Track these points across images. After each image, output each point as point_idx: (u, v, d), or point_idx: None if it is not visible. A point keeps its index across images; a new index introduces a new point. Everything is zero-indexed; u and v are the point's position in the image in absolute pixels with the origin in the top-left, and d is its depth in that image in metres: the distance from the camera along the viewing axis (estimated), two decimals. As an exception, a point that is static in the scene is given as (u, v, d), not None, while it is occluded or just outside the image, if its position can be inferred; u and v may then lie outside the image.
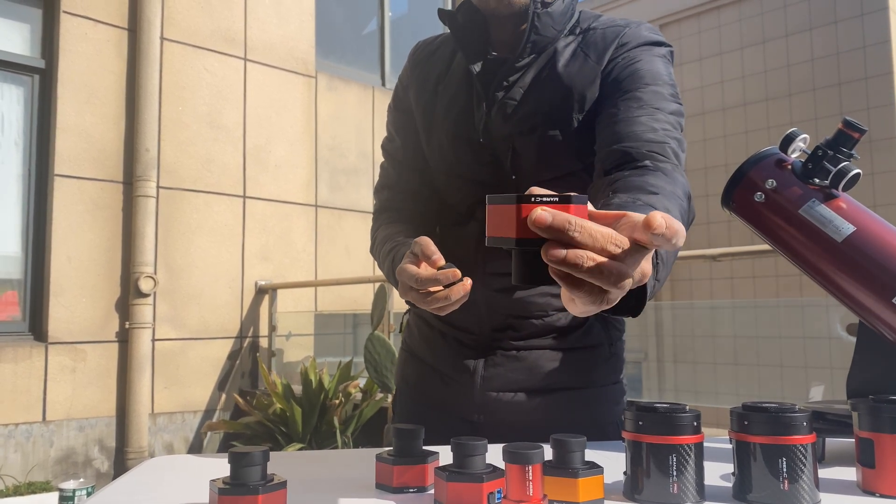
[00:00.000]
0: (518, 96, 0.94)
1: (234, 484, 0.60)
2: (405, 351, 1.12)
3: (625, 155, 0.83)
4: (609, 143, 0.86)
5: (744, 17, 11.24)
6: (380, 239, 1.00)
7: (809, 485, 0.62)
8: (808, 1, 10.40)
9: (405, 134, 1.07)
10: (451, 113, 1.00)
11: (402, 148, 1.07)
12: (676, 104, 0.90)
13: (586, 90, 0.92)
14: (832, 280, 0.78)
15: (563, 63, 0.94)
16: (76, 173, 3.64)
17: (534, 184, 0.93)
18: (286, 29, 4.54)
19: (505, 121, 0.95)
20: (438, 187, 1.04)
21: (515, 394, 0.98)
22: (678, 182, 0.79)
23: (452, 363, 1.01)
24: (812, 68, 10.23)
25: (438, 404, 1.03)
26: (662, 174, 0.79)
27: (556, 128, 0.93)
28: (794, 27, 10.93)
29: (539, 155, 0.94)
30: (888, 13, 9.72)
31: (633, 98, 0.88)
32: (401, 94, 1.08)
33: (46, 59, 3.70)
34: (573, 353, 0.99)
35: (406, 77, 1.09)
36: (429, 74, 1.05)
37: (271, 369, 4.20)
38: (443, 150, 1.01)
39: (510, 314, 0.98)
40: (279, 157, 4.43)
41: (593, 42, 0.94)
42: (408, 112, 1.07)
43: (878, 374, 0.81)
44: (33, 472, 3.37)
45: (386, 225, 1.02)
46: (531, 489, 0.60)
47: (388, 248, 0.93)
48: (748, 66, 11.11)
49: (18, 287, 3.61)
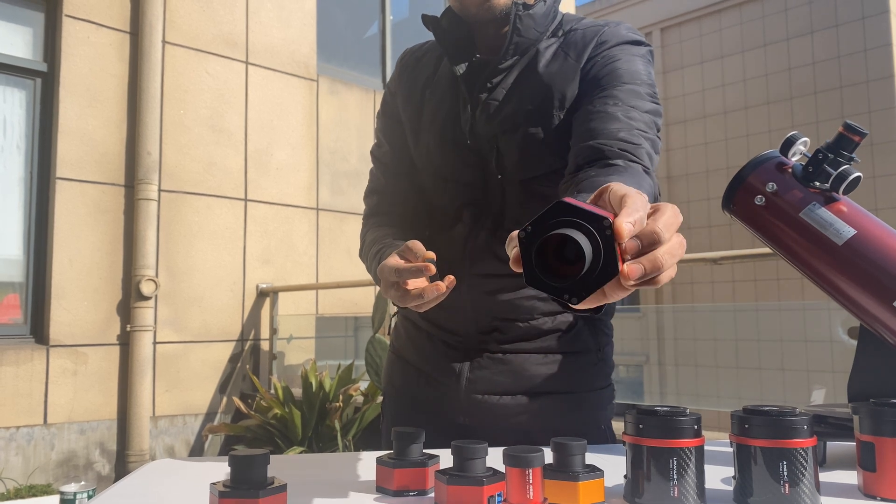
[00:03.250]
0: (501, 97, 0.96)
1: (235, 487, 0.60)
2: (392, 353, 1.13)
3: (597, 152, 0.84)
4: (583, 139, 0.87)
5: (745, 21, 11.25)
6: (368, 241, 1.01)
7: (810, 488, 0.61)
8: (810, 4, 10.41)
9: (393, 139, 1.08)
10: (438, 116, 1.01)
11: (391, 153, 1.08)
12: (653, 104, 0.91)
13: (566, 88, 0.93)
14: (833, 283, 0.78)
15: (544, 63, 0.95)
16: (78, 176, 3.65)
17: (519, 183, 0.94)
18: (288, 32, 4.55)
19: (488, 121, 0.96)
20: (426, 190, 1.05)
21: (501, 397, 0.97)
22: (645, 183, 0.79)
23: (438, 364, 1.01)
24: (813, 72, 10.23)
25: (424, 406, 1.03)
26: (629, 175, 0.79)
27: (538, 126, 0.93)
28: (795, 31, 10.93)
29: (521, 153, 0.94)
30: (889, 16, 9.71)
31: (610, 96, 0.88)
32: (388, 101, 1.10)
33: (48, 62, 3.71)
34: (560, 357, 0.98)
35: (394, 84, 1.10)
36: (416, 80, 1.06)
37: (272, 372, 4.20)
38: (430, 153, 1.02)
39: (496, 316, 0.98)
40: (281, 161, 4.44)
41: (573, 42, 0.96)
42: (395, 118, 1.08)
43: (880, 378, 0.81)
44: (34, 475, 3.37)
45: (375, 228, 1.03)
46: (531, 492, 0.60)
47: (375, 250, 0.94)
48: (749, 69, 11.11)
49: (20, 290, 3.62)
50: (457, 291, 0.94)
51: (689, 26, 12.15)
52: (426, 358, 1.03)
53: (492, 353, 0.98)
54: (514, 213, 0.96)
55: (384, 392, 1.13)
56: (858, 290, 0.76)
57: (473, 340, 0.99)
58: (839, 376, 3.77)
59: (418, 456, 0.71)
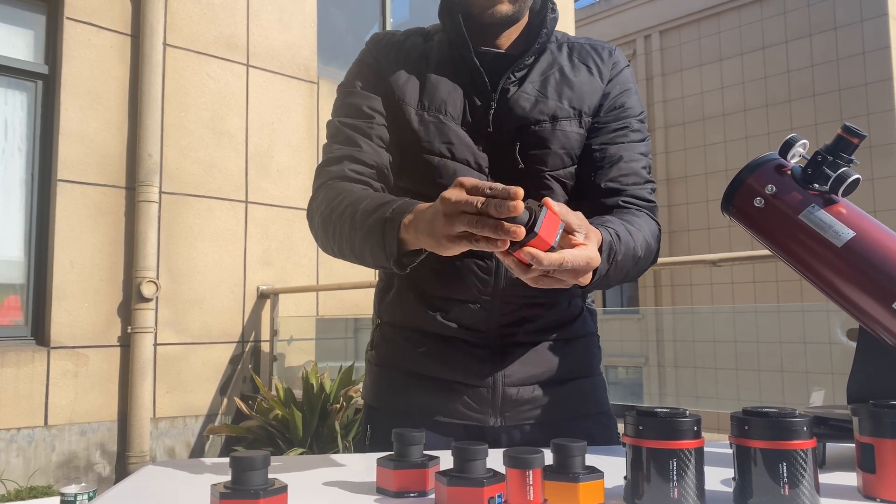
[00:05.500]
0: (531, 90, 0.99)
1: (235, 489, 0.60)
2: (381, 367, 1.05)
3: (618, 192, 0.98)
4: (607, 178, 0.99)
5: (743, 24, 11.26)
6: (358, 199, 0.88)
7: (810, 490, 0.62)
8: (808, 7, 10.42)
9: (384, 118, 1.00)
10: (453, 102, 0.98)
11: (387, 130, 0.99)
12: (646, 134, 1.06)
13: (593, 98, 1.01)
14: (832, 285, 0.79)
15: (567, 67, 1.02)
16: (79, 178, 3.65)
17: (537, 174, 0.98)
18: (288, 35, 4.56)
19: (516, 112, 0.97)
20: (423, 177, 0.98)
21: (534, 388, 0.98)
22: (652, 224, 0.98)
23: (469, 368, 0.97)
24: (812, 74, 10.24)
25: (437, 417, 0.98)
26: (635, 225, 0.93)
27: (562, 125, 0.98)
28: (793, 33, 10.94)
29: (552, 146, 0.98)
30: (888, 19, 9.72)
31: (627, 134, 1.02)
32: (373, 80, 1.01)
33: (50, 64, 3.72)
34: (576, 342, 1.03)
35: (380, 63, 1.03)
36: (410, 62, 1.02)
37: (272, 374, 4.20)
38: (442, 137, 0.97)
39: (528, 302, 0.98)
40: (281, 163, 4.44)
41: (586, 54, 1.04)
42: (388, 97, 1.00)
43: (879, 379, 0.81)
44: (35, 477, 3.37)
45: (360, 190, 0.92)
46: (532, 494, 0.60)
47: (380, 202, 0.83)
48: (748, 72, 11.12)
49: (21, 292, 3.62)
50: (486, 284, 0.96)
51: (688, 29, 12.16)
52: (452, 365, 0.98)
53: (520, 344, 0.98)
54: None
55: (369, 409, 1.06)
56: (857, 292, 0.76)
57: (496, 335, 0.98)
58: (838, 378, 3.77)
59: (418, 457, 0.72)
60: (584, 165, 1.00)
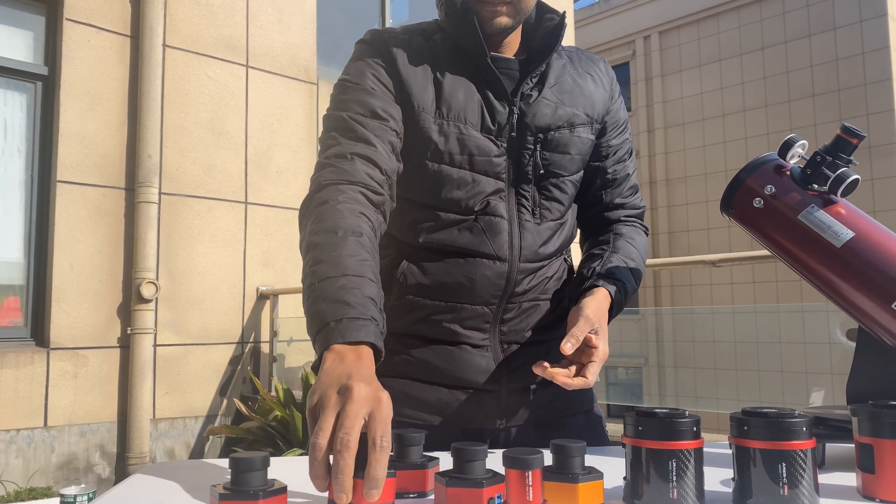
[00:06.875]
0: (549, 96, 1.00)
1: (235, 489, 0.60)
2: (379, 374, 0.99)
3: (622, 207, 1.09)
4: (615, 196, 1.09)
5: (743, 24, 11.27)
6: (334, 256, 0.78)
7: (809, 490, 0.62)
8: (807, 7, 10.43)
9: (398, 123, 0.95)
10: (473, 112, 0.96)
11: (398, 136, 0.95)
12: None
13: (603, 108, 1.06)
14: (832, 285, 0.79)
15: (574, 73, 1.05)
16: (78, 179, 3.65)
17: (556, 177, 1.01)
18: (288, 36, 4.56)
19: (537, 118, 0.98)
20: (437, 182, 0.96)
21: (537, 386, 1.00)
22: (644, 238, 1.10)
23: (479, 370, 0.97)
24: (811, 74, 10.25)
25: (455, 423, 0.97)
26: (640, 236, 1.09)
27: (578, 130, 1.02)
28: (793, 33, 10.95)
29: (571, 152, 1.01)
30: (887, 20, 9.73)
31: (629, 151, 1.12)
32: (384, 80, 0.96)
33: (49, 65, 3.72)
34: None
35: (387, 63, 0.97)
36: (420, 67, 0.97)
37: (272, 375, 4.20)
38: (462, 143, 0.95)
39: (533, 297, 1.00)
40: (281, 164, 4.44)
41: (585, 62, 1.08)
42: (405, 103, 0.96)
43: (878, 379, 0.81)
44: (35, 478, 3.37)
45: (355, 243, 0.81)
46: (531, 494, 0.60)
47: (339, 296, 0.74)
48: (747, 72, 11.13)
49: (20, 293, 3.62)
50: (496, 288, 0.96)
51: (688, 29, 12.18)
52: (462, 368, 0.97)
53: (522, 343, 1.00)
54: (543, 204, 1.01)
55: None
56: (857, 292, 0.76)
57: (496, 336, 0.98)
58: (838, 378, 3.78)
59: (418, 458, 0.72)
60: (594, 182, 1.07)
